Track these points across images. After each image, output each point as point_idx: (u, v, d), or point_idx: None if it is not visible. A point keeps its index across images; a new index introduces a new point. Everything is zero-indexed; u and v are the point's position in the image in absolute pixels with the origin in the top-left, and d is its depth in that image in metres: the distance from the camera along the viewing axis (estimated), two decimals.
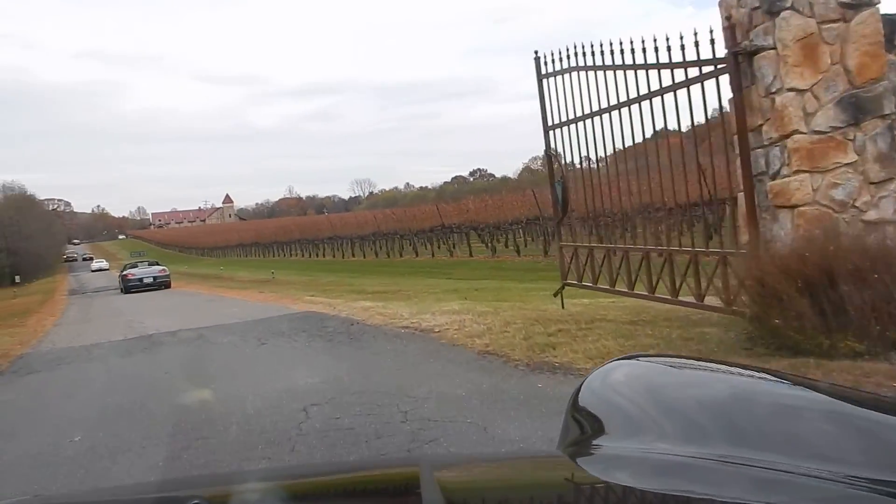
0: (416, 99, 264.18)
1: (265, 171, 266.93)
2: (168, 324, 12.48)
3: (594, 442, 1.02)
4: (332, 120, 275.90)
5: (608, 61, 7.31)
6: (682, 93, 6.45)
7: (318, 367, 6.82)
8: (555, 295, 9.11)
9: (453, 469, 1.27)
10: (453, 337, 7.54)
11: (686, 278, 6.65)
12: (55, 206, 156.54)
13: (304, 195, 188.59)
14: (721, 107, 6.39)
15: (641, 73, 6.85)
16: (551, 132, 8.91)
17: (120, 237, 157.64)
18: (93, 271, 67.19)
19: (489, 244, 30.31)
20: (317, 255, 48.45)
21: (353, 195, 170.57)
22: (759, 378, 1.09)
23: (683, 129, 7.07)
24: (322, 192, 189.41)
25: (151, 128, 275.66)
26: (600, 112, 7.65)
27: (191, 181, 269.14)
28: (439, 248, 34.81)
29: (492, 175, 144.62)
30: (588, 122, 7.95)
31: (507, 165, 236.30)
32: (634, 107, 7.07)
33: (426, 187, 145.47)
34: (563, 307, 8.93)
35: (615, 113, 7.42)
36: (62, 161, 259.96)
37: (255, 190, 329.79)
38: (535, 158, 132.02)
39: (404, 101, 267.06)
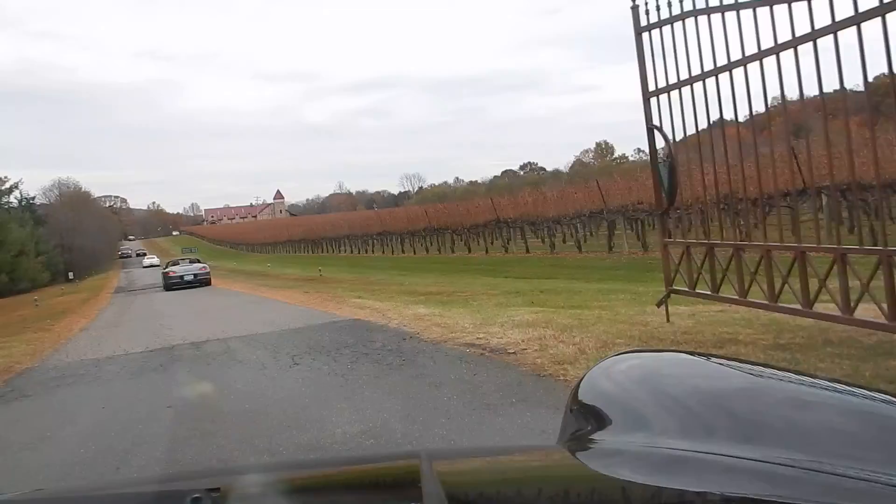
0: (467, 93, 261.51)
1: (316, 167, 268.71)
2: (198, 331, 11.05)
3: (594, 436, 1.01)
4: (383, 115, 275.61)
5: None
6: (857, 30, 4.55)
7: (360, 405, 5.13)
8: (658, 305, 7.26)
9: (453, 462, 1.24)
10: (536, 362, 5.78)
11: (863, 287, 4.76)
12: (112, 203, 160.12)
13: (354, 190, 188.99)
14: None
15: (800, 5, 4.96)
16: (654, 99, 7.04)
17: (174, 233, 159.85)
18: (144, 267, 67.34)
19: (545, 240, 28.49)
20: (365, 251, 47.14)
21: (402, 190, 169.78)
22: (765, 372, 1.05)
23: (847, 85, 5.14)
24: (372, 188, 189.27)
25: (206, 125, 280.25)
26: (730, 66, 5.77)
27: (243, 177, 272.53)
28: (492, 243, 33.04)
29: (542, 168, 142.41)
30: (711, 80, 6.07)
31: (557, 159, 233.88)
32: (786, 53, 5.19)
33: (476, 182, 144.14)
34: (667, 320, 7.09)
35: (753, 66, 5.54)
36: (119, 159, 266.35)
37: (306, 185, 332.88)
38: (586, 151, 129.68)
39: (455, 96, 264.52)
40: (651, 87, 7.07)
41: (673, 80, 6.61)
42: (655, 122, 7.07)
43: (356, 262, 38.40)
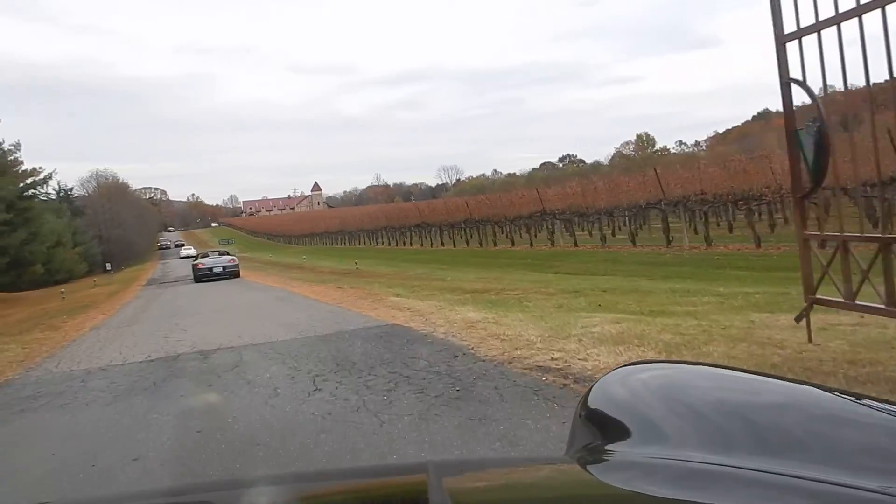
0: (504, 85, 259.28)
1: (354, 160, 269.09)
2: (212, 334, 9.60)
3: (603, 447, 1.00)
4: (420, 108, 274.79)
5: None
6: None
7: None
8: (798, 319, 5.46)
9: (461, 474, 1.19)
10: None
11: None
12: (152, 195, 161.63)
13: (391, 183, 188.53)
14: None
15: None
16: (792, 43, 5.24)
17: (213, 225, 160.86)
18: (180, 258, 67.02)
19: (592, 233, 26.64)
20: (404, 244, 45.63)
21: (440, 182, 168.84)
22: (782, 385, 1.04)
23: None
24: (409, 180, 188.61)
25: (244, 118, 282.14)
26: None
27: (281, 170, 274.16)
28: (536, 236, 31.25)
29: (582, 161, 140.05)
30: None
31: (596, 152, 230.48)
32: None
33: (514, 174, 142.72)
34: (809, 340, 5.32)
35: None
36: (160, 152, 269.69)
37: (343, 178, 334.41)
38: (626, 143, 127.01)
39: (492, 88, 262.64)
40: (788, 28, 5.28)
41: (827, 13, 4.81)
42: (794, 74, 5.28)
43: (394, 255, 36.92)
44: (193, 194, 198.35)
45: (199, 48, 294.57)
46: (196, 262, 29.22)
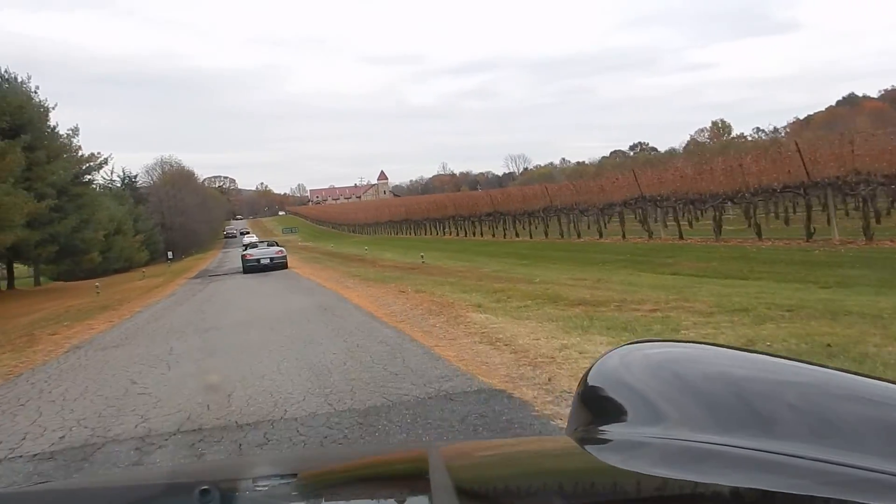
0: (573, 73, 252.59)
1: (420, 149, 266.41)
2: (197, 385, 6.03)
3: (603, 426, 1.00)
4: (488, 97, 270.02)
5: None
6: None
7: None
8: None
9: (462, 453, 1.24)
10: None
11: None
12: (221, 184, 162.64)
13: (457, 172, 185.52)
14: None
15: None
16: None
17: (280, 213, 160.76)
18: (242, 246, 65.11)
19: (692, 222, 22.40)
20: (473, 234, 41.88)
21: (506, 171, 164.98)
22: (780, 363, 1.03)
23: None
24: (476, 169, 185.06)
25: (314, 108, 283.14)
26: None
27: (348, 159, 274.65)
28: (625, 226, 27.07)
29: (654, 149, 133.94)
30: None
31: (666, 140, 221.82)
32: None
33: (583, 162, 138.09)
34: None
35: None
36: (230, 141, 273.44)
37: (409, 167, 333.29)
38: (701, 130, 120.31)
39: (560, 76, 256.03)
40: None
41: None
42: None
43: (463, 247, 33.19)
44: (262, 183, 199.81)
45: (271, 40, 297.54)
46: (245, 252, 28.58)
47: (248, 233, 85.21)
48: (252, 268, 26.49)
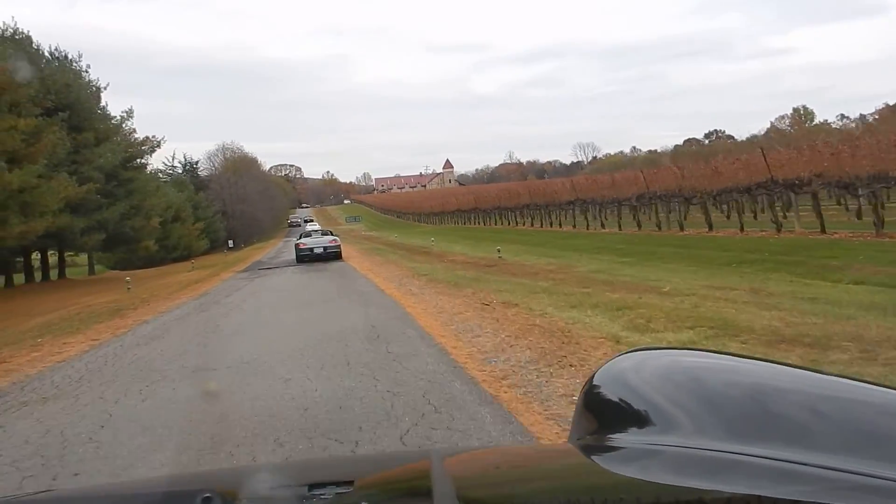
0: (642, 60, 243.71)
1: (485, 138, 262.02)
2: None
3: (606, 434, 0.99)
4: (554, 85, 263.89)
5: None
6: None
7: None
8: None
9: (464, 460, 1.23)
10: None
11: None
12: (287, 172, 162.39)
13: (524, 160, 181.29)
14: None
15: None
16: None
17: (345, 202, 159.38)
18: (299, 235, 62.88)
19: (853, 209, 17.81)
20: (550, 225, 37.85)
21: (575, 160, 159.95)
22: (785, 370, 1.01)
23: None
24: (542, 158, 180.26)
25: (379, 97, 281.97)
26: None
27: (413, 148, 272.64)
28: (731, 215, 22.74)
29: (731, 136, 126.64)
30: None
31: (741, 128, 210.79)
32: None
33: (655, 151, 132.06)
34: None
35: None
36: (297, 131, 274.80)
37: (474, 157, 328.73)
38: (781, 117, 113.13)
39: (628, 63, 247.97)
40: None
41: None
42: None
43: (542, 239, 29.21)
44: (328, 171, 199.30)
45: (337, 30, 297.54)
46: (298, 241, 27.87)
47: (311, 220, 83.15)
48: (305, 257, 25.62)
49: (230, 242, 56.76)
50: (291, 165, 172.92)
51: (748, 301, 9.13)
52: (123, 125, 38.88)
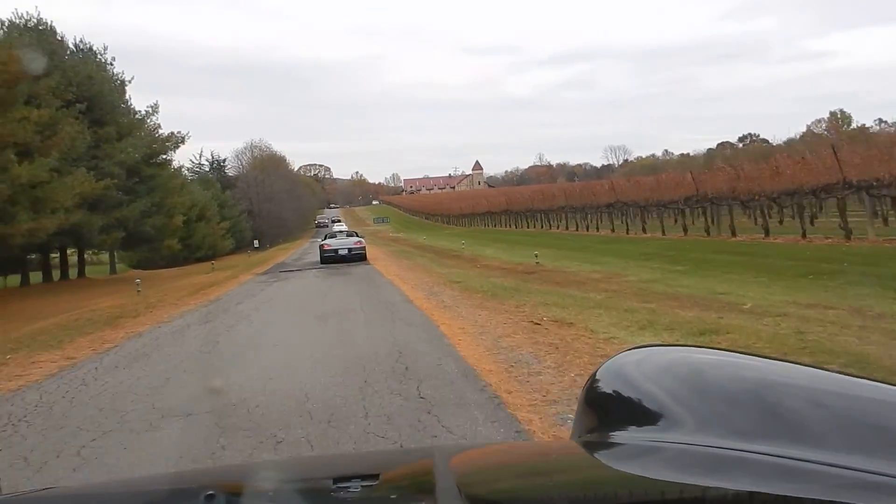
0: (673, 64, 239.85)
1: (515, 140, 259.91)
2: None
3: (608, 431, 0.98)
4: (585, 88, 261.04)
5: None
6: None
7: None
8: None
9: (467, 458, 1.20)
10: None
11: None
12: (316, 172, 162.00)
13: (554, 163, 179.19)
14: None
15: None
16: None
17: (374, 203, 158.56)
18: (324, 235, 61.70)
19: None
20: (586, 228, 36.02)
21: (605, 163, 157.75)
22: (788, 367, 1.03)
23: None
24: (573, 161, 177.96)
25: (410, 98, 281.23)
26: None
27: (443, 149, 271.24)
28: (787, 219, 20.77)
29: (765, 140, 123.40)
30: None
31: (775, 132, 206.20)
32: None
33: (688, 154, 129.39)
34: None
35: None
36: (327, 131, 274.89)
37: (504, 159, 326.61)
38: (818, 121, 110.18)
39: (661, 67, 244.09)
40: None
41: None
42: None
43: (581, 244, 27.39)
44: (357, 172, 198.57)
45: (370, 31, 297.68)
46: (323, 242, 27.18)
47: (339, 221, 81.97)
48: (330, 258, 25.14)
49: (255, 242, 55.73)
50: (321, 165, 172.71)
51: (864, 325, 7.37)
52: (148, 120, 37.76)
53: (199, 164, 64.23)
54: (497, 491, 0.94)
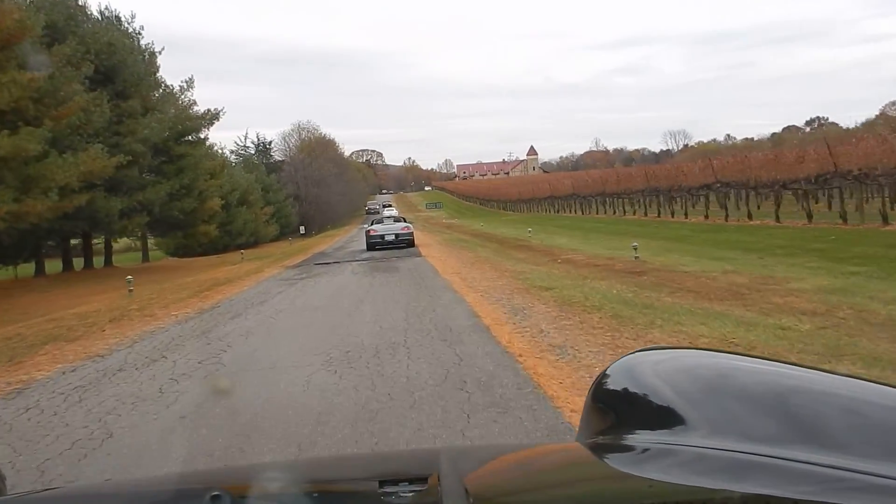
0: (733, 47, 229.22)
1: (569, 127, 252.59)
2: None
3: (615, 433, 0.97)
4: (641, 72, 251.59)
5: None
6: None
7: None
8: None
9: (472, 459, 1.19)
10: None
11: None
12: (368, 158, 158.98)
13: (610, 148, 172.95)
14: None
15: None
16: None
17: (426, 188, 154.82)
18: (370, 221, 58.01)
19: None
20: (671, 214, 31.20)
21: (664, 148, 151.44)
22: (807, 373, 0.98)
23: None
24: (630, 146, 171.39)
25: (461, 85, 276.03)
26: None
27: (495, 136, 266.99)
28: None
29: (834, 124, 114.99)
30: None
31: (844, 116, 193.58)
32: None
33: (751, 139, 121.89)
34: None
35: None
36: (380, 118, 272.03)
37: (558, 144, 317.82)
38: (891, 104, 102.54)
39: (719, 50, 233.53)
40: None
41: None
42: None
43: (679, 234, 22.64)
44: (409, 158, 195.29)
45: (425, 18, 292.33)
46: (369, 228, 25.71)
47: (390, 206, 78.17)
48: (376, 244, 23.73)
49: (301, 229, 52.15)
50: (373, 150, 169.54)
51: None
52: (182, 97, 34.05)
53: (244, 146, 61.04)
54: (503, 493, 0.93)
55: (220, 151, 47.43)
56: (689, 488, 0.79)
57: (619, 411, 1.01)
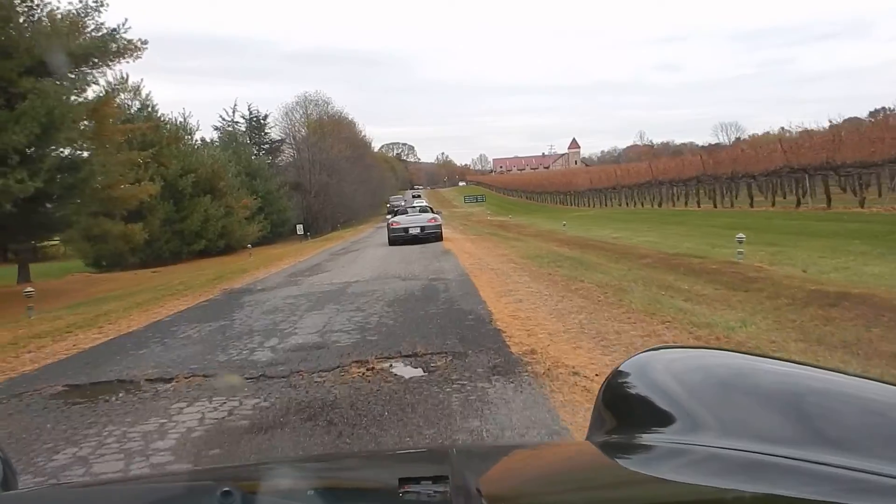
0: (776, 43, 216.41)
1: (609, 123, 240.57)
2: None
3: (625, 432, 0.98)
4: (680, 69, 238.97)
5: None
6: None
7: None
8: None
9: (484, 458, 1.19)
10: None
11: None
12: (399, 151, 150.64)
13: (655, 142, 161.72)
14: None
15: None
16: None
17: (460, 184, 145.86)
18: (411, 207, 47.43)
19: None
20: (751, 204, 25.02)
21: (714, 142, 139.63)
22: (820, 374, 0.99)
23: None
24: (675, 141, 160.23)
25: (500, 81, 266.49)
26: None
27: (531, 133, 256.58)
28: None
29: None
30: None
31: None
32: None
33: (810, 129, 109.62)
34: None
35: None
36: (413, 114, 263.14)
37: (596, 141, 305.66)
38: None
39: (763, 46, 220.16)
40: None
41: None
42: None
43: (791, 226, 15.53)
44: (443, 153, 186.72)
45: (459, 14, 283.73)
46: (391, 220, 22.81)
47: (419, 196, 65.62)
48: (398, 238, 21.23)
49: (299, 228, 41.74)
50: (403, 144, 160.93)
51: None
52: (72, 17, 19.70)
53: (233, 120, 50.20)
54: (514, 491, 0.92)
55: (181, 121, 38.06)
56: (702, 488, 0.79)
57: (631, 409, 1.00)
